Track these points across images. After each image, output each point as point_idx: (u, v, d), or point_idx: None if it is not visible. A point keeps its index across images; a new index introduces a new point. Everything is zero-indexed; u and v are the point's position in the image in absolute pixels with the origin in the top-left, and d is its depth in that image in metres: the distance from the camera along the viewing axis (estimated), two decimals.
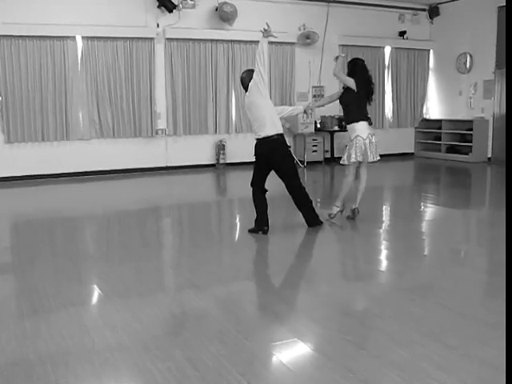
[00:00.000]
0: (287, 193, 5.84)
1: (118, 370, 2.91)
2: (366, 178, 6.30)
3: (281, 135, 5.62)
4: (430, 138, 13.02)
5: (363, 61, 6.27)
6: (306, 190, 5.91)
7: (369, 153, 6.05)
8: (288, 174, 5.73)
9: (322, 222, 6.00)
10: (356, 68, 6.13)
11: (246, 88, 5.64)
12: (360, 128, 6.03)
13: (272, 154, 5.59)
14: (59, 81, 9.66)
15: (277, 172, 5.70)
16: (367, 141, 6.03)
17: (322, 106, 7.17)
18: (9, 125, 9.43)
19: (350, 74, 6.10)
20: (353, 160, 6.07)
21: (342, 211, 6.29)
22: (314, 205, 6.02)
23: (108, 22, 9.81)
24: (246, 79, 5.64)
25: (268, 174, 5.73)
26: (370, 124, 6.25)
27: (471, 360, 2.92)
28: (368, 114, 6.22)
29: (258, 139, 5.64)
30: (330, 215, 6.20)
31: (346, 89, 6.13)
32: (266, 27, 5.49)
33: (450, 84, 12.75)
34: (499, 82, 11.55)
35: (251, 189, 5.77)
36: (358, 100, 6.04)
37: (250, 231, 5.77)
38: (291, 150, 6.93)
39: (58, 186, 9.32)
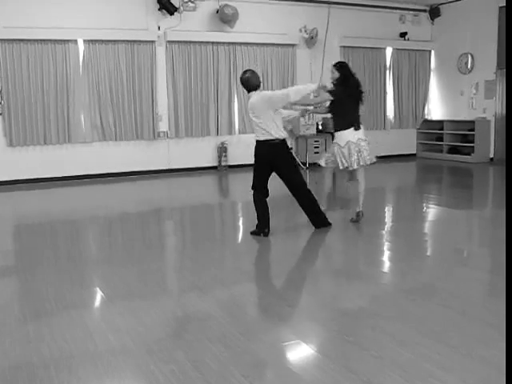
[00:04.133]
0: (289, 193, 5.84)
1: (121, 373, 2.92)
2: (364, 179, 6.26)
3: (283, 140, 5.58)
4: (432, 139, 13.02)
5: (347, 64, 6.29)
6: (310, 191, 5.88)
7: (338, 160, 6.03)
8: (289, 173, 5.71)
9: (330, 224, 5.99)
10: (348, 72, 6.02)
11: (249, 90, 5.55)
12: (341, 136, 6.00)
13: (274, 155, 5.58)
14: (61, 84, 9.69)
15: (278, 172, 5.69)
16: (345, 149, 5.98)
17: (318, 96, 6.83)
18: (11, 128, 9.45)
19: (343, 80, 5.94)
20: (324, 165, 6.26)
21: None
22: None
23: (109, 25, 9.85)
24: (252, 80, 5.52)
25: (270, 175, 5.72)
26: (357, 129, 5.99)
27: (473, 360, 2.92)
28: (358, 118, 6.08)
29: (258, 141, 5.62)
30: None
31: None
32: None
33: (452, 84, 12.74)
34: (501, 82, 11.55)
35: (252, 192, 5.78)
36: (344, 107, 5.94)
37: (252, 233, 5.78)
38: (293, 151, 6.89)
39: (60, 189, 9.34)
